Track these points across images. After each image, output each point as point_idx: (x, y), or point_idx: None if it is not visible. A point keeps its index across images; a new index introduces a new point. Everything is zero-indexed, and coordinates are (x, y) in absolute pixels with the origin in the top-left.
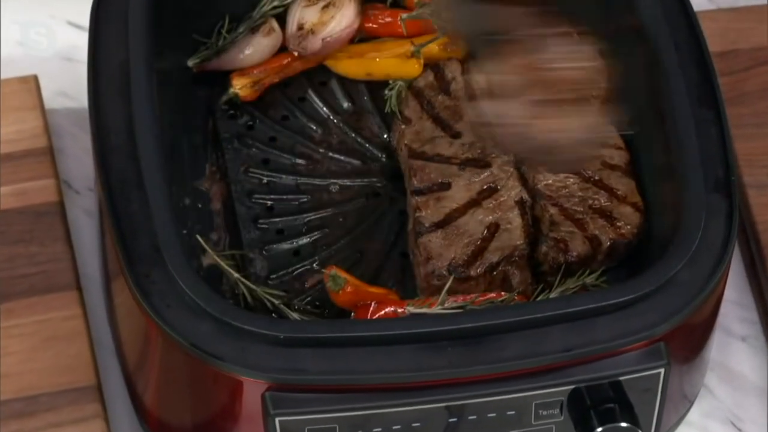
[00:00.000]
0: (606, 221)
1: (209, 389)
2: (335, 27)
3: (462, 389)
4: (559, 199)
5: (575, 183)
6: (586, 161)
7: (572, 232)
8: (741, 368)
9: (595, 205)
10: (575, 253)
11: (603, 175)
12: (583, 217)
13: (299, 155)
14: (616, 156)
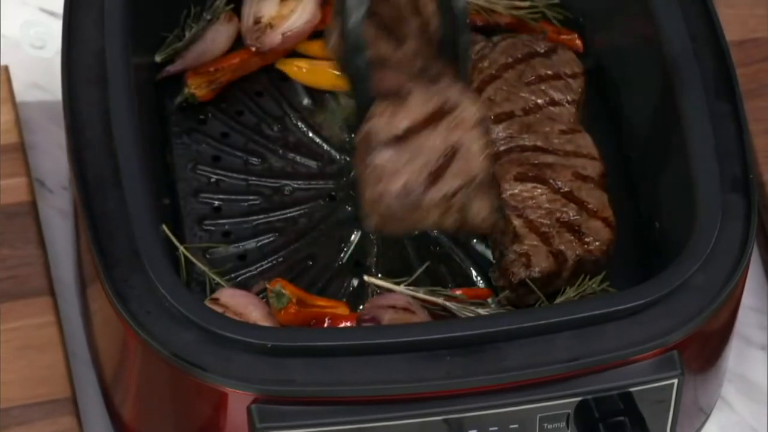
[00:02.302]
0: (574, 236)
1: (192, 402)
2: (296, 21)
3: (461, 401)
4: (525, 210)
5: (543, 194)
6: None
7: (536, 246)
8: (761, 379)
9: (563, 219)
10: (538, 269)
11: (574, 186)
12: (550, 230)
13: (252, 153)
14: (589, 167)
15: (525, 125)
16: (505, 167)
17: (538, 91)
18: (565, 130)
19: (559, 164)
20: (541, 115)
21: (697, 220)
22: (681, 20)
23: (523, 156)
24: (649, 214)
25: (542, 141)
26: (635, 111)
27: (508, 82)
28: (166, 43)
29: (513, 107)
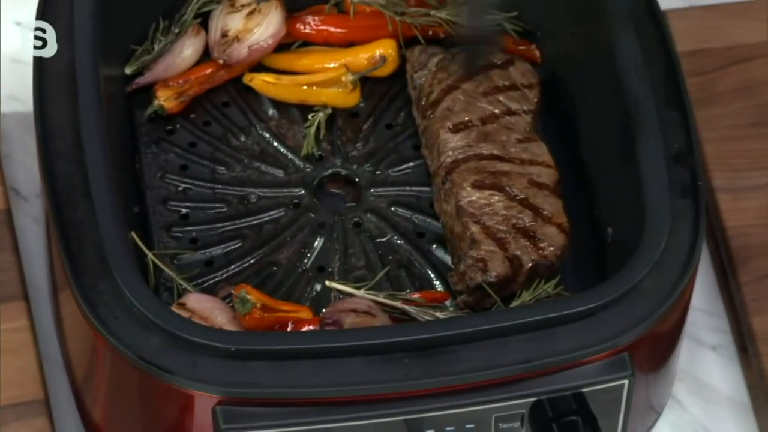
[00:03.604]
0: (529, 241)
1: (159, 404)
2: (261, 34)
3: (418, 402)
4: (482, 216)
5: (500, 201)
6: None
7: (493, 252)
8: (711, 379)
9: (519, 225)
10: (495, 273)
11: (529, 193)
12: (506, 236)
13: (219, 162)
14: (544, 174)
15: (482, 134)
16: (462, 175)
17: (495, 101)
18: (521, 138)
19: (516, 172)
20: (497, 125)
21: (648, 226)
22: (633, 32)
23: (481, 164)
24: (602, 219)
25: (499, 150)
26: (590, 120)
27: (466, 92)
28: (136, 55)
29: (471, 117)
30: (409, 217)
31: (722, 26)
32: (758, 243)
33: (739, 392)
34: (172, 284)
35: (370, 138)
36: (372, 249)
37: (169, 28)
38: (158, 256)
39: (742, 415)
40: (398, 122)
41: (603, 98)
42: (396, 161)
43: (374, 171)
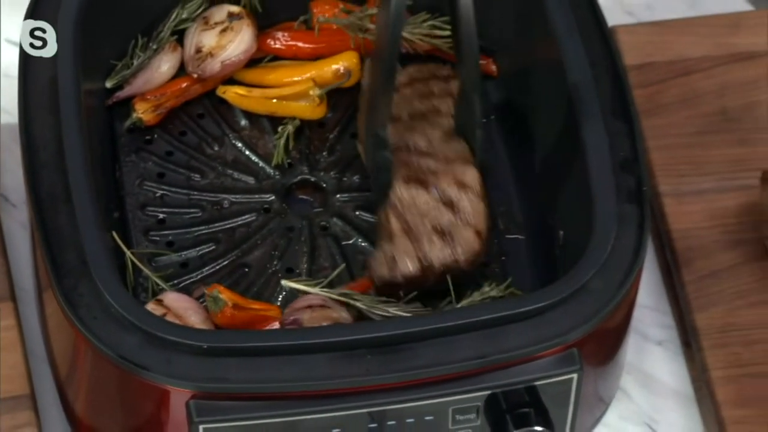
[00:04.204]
0: (444, 244)
1: (136, 398)
2: (234, 50)
3: (379, 396)
4: (405, 212)
5: (425, 199)
6: None
7: (405, 251)
8: (657, 372)
9: (439, 226)
10: (402, 273)
11: (453, 194)
12: (422, 236)
13: (194, 170)
14: (468, 173)
15: (410, 127)
16: (395, 167)
17: (426, 102)
18: (445, 136)
19: (441, 171)
20: (424, 122)
21: (595, 229)
22: (581, 48)
23: (409, 158)
24: (554, 223)
25: (425, 143)
26: (543, 130)
27: (404, 96)
28: (116, 70)
29: (400, 112)
30: (372, 221)
31: (667, 41)
32: (701, 245)
33: (684, 384)
34: (149, 284)
35: (336, 147)
36: (338, 251)
37: (147, 44)
38: (136, 257)
39: (686, 406)
40: None
41: (555, 110)
42: (360, 168)
43: (340, 178)
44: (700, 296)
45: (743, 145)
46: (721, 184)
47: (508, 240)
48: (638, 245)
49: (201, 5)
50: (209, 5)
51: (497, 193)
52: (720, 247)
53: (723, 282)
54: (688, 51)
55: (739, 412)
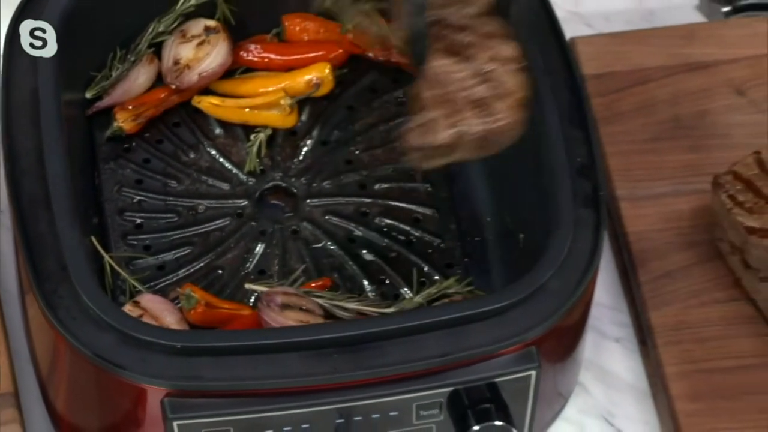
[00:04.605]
0: (480, 113)
1: (113, 396)
2: (210, 63)
3: (347, 393)
4: (439, 83)
5: (463, 74)
6: None
7: (437, 119)
8: (614, 368)
9: (475, 96)
10: (434, 139)
11: (493, 67)
12: (457, 106)
13: (170, 177)
14: (506, 48)
15: (445, 4)
16: (430, 41)
17: None
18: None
19: (479, 44)
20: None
21: (553, 232)
22: (540, 59)
23: (447, 32)
24: (515, 225)
25: (462, 19)
26: None
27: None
28: (95, 81)
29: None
30: (341, 225)
31: (624, 52)
32: (655, 246)
33: (640, 380)
34: (127, 287)
35: (307, 154)
36: (308, 254)
37: (126, 56)
38: (114, 260)
39: (641, 401)
40: (332, 139)
41: None
42: (330, 174)
43: (310, 183)
44: (655, 296)
45: (696, 151)
46: (674, 188)
47: (471, 242)
48: (594, 247)
49: (177, 19)
50: (185, 19)
51: (464, 197)
52: (674, 249)
53: (677, 282)
54: (644, 61)
55: (691, 406)
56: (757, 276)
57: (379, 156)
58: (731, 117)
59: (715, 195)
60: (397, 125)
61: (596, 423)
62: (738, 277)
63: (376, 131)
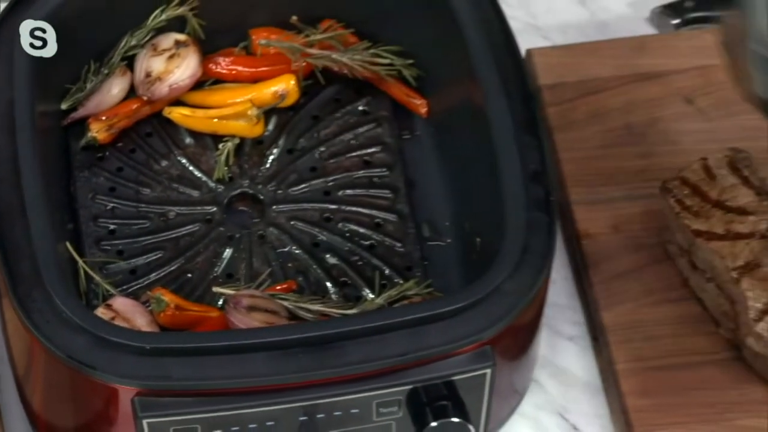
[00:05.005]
0: None
1: (86, 395)
2: (181, 75)
3: (310, 391)
4: None
5: None
6: None
7: None
8: (569, 365)
9: None
10: None
11: None
12: None
13: (143, 185)
14: None
15: None
16: None
17: None
18: None
19: None
20: None
21: (507, 236)
22: (495, 70)
23: None
24: (472, 230)
25: None
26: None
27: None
28: (70, 93)
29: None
30: (306, 230)
31: (578, 62)
32: (607, 248)
33: (593, 376)
34: (100, 290)
35: (273, 162)
36: (274, 258)
37: (100, 69)
38: (88, 264)
39: (594, 396)
40: (297, 147)
41: (473, 127)
42: (295, 182)
43: (276, 190)
44: (607, 296)
45: (646, 158)
46: (626, 193)
47: (430, 246)
48: (547, 250)
49: (149, 33)
50: (157, 34)
51: (424, 203)
52: (625, 251)
53: (628, 283)
54: (597, 71)
55: (641, 402)
56: (704, 277)
57: (342, 164)
58: (680, 125)
59: (664, 199)
60: (359, 134)
61: (551, 418)
62: (686, 277)
63: (340, 140)
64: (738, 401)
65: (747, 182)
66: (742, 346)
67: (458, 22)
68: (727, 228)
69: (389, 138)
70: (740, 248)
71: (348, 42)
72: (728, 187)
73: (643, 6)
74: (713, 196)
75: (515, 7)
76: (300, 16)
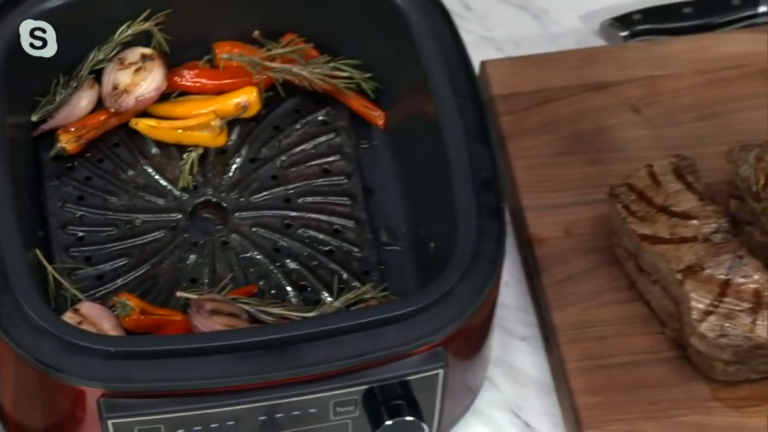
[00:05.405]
0: None
1: (54, 396)
2: (147, 88)
3: (269, 392)
4: None
5: None
6: None
7: None
8: (521, 364)
9: None
10: None
11: None
12: None
13: (110, 193)
14: None
15: None
16: None
17: None
18: None
19: None
20: None
21: (459, 241)
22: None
23: None
24: (426, 235)
25: None
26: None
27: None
28: (41, 105)
29: None
30: (267, 236)
31: (530, 74)
32: (559, 252)
33: (544, 375)
34: (69, 295)
35: (236, 171)
36: (236, 263)
37: (69, 82)
38: (57, 270)
39: (546, 394)
40: (259, 157)
41: (428, 137)
42: (257, 190)
43: (239, 198)
44: (558, 297)
45: (596, 164)
46: (576, 198)
47: (387, 251)
48: (497, 255)
49: (116, 48)
50: (123, 48)
51: (382, 209)
52: (575, 254)
53: (578, 285)
54: (548, 82)
55: (590, 399)
56: (650, 279)
57: (303, 172)
58: (628, 133)
59: (612, 205)
60: (319, 144)
61: (504, 416)
62: (633, 279)
63: (301, 149)
64: (682, 398)
65: (691, 188)
66: (687, 346)
67: (413, 37)
68: (671, 232)
69: (348, 147)
70: (684, 251)
71: (309, 56)
72: (673, 193)
73: (593, 19)
74: (658, 202)
75: (471, 20)
76: (262, 31)
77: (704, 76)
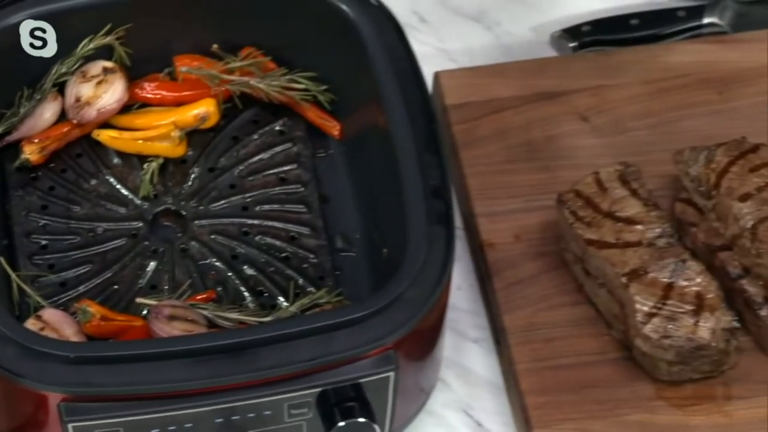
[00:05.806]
0: None
1: (17, 401)
2: (108, 100)
3: (225, 395)
4: None
5: None
6: None
7: None
8: (473, 365)
9: None
10: None
11: None
12: None
13: (73, 202)
14: None
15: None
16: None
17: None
18: None
19: None
20: None
21: (409, 247)
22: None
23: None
24: (380, 242)
25: None
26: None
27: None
28: (5, 117)
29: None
30: (225, 243)
31: (483, 83)
32: (508, 257)
33: (495, 376)
34: (32, 302)
35: (195, 180)
36: (195, 270)
37: (32, 95)
38: (21, 278)
39: (497, 395)
40: (218, 166)
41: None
42: (216, 198)
43: (198, 206)
44: (508, 301)
45: (545, 172)
46: (526, 204)
47: (342, 257)
48: (446, 260)
49: (78, 61)
50: (86, 61)
51: (337, 216)
52: (525, 259)
53: (527, 288)
54: (500, 92)
55: (539, 399)
56: (596, 282)
57: (260, 181)
58: (576, 141)
59: (559, 211)
60: (276, 153)
61: (457, 416)
62: (581, 283)
63: (258, 159)
64: (627, 398)
65: (635, 194)
66: (632, 347)
67: (366, 51)
68: (617, 237)
69: (304, 157)
70: (629, 256)
71: (266, 68)
72: (618, 199)
73: (544, 31)
74: (604, 208)
75: (426, 33)
76: (221, 44)
77: (651, 86)
